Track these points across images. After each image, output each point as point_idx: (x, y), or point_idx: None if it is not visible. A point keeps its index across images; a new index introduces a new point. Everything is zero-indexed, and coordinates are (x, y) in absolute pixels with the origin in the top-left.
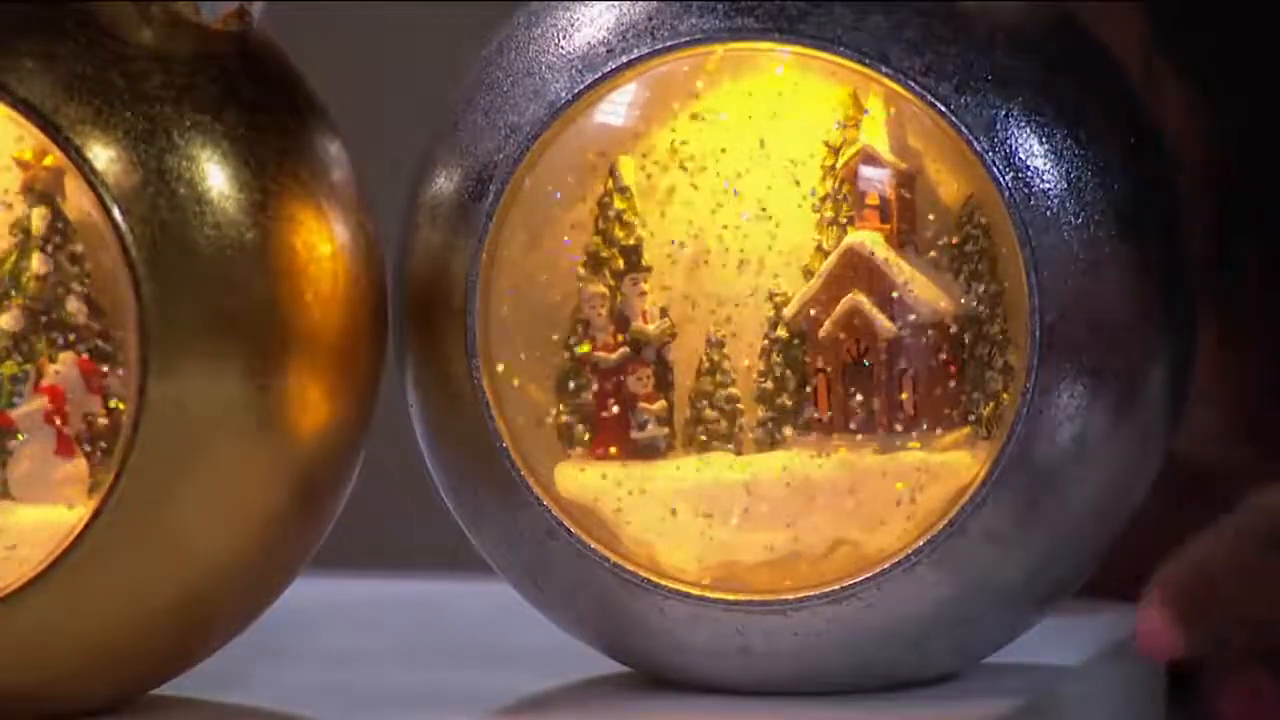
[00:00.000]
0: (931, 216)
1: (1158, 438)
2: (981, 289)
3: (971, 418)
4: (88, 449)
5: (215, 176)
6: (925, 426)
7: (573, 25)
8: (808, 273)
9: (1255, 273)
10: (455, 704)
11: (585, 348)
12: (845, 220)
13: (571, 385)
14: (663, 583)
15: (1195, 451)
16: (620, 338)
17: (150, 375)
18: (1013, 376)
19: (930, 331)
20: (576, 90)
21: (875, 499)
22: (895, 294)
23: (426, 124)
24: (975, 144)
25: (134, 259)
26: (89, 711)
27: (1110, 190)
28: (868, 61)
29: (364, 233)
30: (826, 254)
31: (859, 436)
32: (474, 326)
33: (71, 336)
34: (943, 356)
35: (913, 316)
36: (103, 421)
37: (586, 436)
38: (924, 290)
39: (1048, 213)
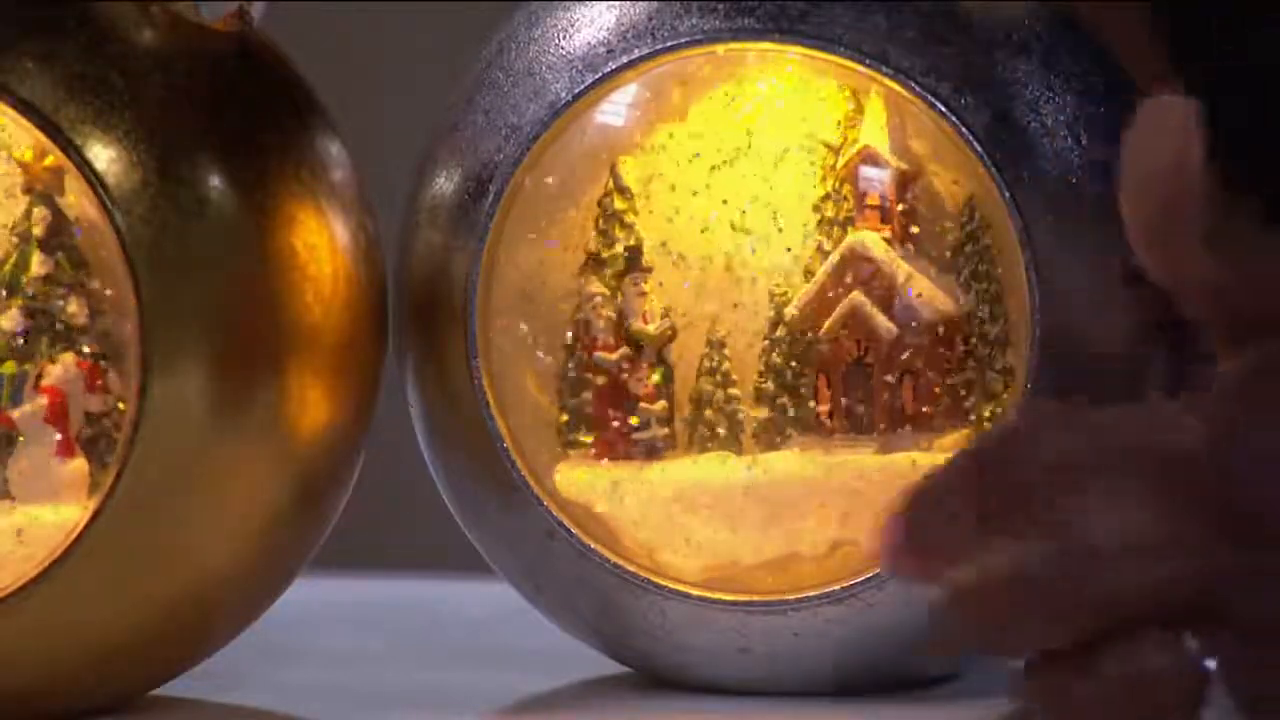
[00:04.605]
0: (931, 216)
1: None
2: (981, 289)
3: (972, 418)
4: (88, 449)
5: (215, 176)
6: (925, 427)
7: (573, 25)
8: (808, 273)
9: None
10: (455, 704)
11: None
12: (845, 220)
13: (572, 385)
14: (663, 583)
15: None
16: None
17: (150, 375)
18: (1013, 377)
19: (930, 332)
20: (576, 90)
21: (875, 499)
22: (895, 294)
23: (426, 124)
24: (975, 144)
25: (134, 259)
26: (89, 711)
27: (1110, 190)
28: (868, 61)
29: (364, 233)
30: (826, 254)
31: (859, 436)
32: (474, 326)
33: (71, 336)
34: (943, 357)
35: (913, 316)
36: (103, 421)
37: (587, 437)
38: (924, 290)
39: (1048, 213)
